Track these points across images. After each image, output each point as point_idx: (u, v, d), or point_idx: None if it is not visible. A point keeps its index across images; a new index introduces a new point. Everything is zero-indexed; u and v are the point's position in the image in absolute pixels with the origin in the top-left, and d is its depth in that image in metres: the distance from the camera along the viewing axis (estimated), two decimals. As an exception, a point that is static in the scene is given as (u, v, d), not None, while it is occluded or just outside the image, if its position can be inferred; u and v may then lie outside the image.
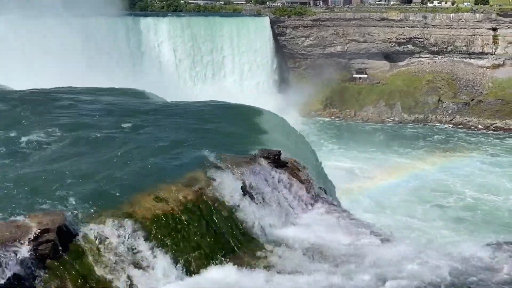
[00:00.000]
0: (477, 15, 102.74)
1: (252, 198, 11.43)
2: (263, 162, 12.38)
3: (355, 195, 66.43)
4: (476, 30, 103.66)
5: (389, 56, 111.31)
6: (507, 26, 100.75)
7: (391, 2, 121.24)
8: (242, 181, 11.62)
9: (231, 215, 10.92)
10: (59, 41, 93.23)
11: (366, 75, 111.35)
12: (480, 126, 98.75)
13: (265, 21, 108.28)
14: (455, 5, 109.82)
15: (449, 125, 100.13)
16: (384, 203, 64.48)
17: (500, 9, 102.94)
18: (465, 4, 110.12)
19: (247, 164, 12.07)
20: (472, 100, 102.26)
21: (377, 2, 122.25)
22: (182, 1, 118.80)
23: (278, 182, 12.12)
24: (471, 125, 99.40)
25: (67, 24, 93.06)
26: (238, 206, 11.05)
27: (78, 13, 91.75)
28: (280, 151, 12.87)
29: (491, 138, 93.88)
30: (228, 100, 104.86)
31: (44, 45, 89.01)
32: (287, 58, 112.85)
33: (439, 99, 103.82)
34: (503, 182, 72.22)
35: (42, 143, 14.05)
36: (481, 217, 61.66)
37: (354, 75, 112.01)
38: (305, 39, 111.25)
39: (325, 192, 12.72)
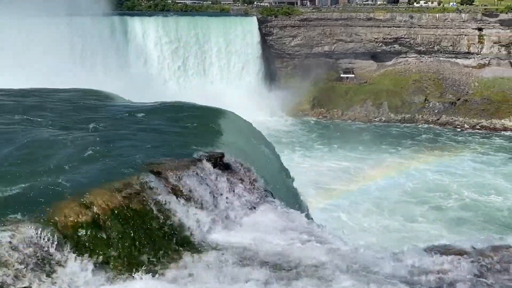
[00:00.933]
0: (463, 15, 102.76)
1: (188, 202, 10.89)
2: (205, 164, 11.85)
3: (353, 195, 66.40)
4: (462, 30, 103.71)
5: (376, 56, 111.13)
6: (492, 26, 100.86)
7: (378, 2, 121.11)
8: (177, 185, 11.08)
9: (162, 221, 10.37)
10: (44, 41, 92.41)
11: (353, 75, 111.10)
12: (466, 126, 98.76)
13: (253, 21, 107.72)
14: (441, 5, 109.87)
15: (435, 125, 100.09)
16: (383, 204, 63.66)
17: (485, 9, 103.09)
18: (451, 4, 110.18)
19: (185, 167, 11.53)
20: (458, 99, 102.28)
21: (364, 2, 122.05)
22: (169, 1, 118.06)
23: (219, 184, 11.60)
24: (457, 125, 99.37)
25: (53, 24, 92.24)
26: (171, 210, 10.50)
27: (64, 12, 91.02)
28: (223, 153, 12.35)
29: (478, 137, 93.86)
30: (214, 100, 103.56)
31: (28, 45, 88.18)
32: (274, 58, 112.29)
33: (425, 98, 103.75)
34: (500, 182, 71.88)
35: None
36: (482, 218, 60.74)
37: (342, 75, 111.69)
38: (293, 39, 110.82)
39: (272, 195, 12.18)
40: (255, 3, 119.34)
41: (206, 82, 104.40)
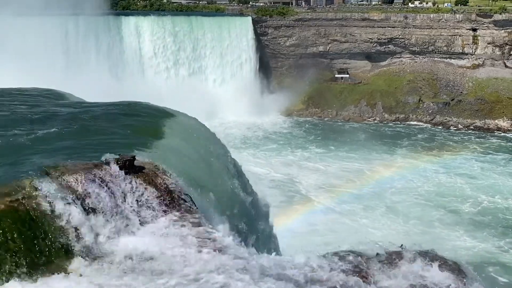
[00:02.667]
0: (457, 15, 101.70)
1: (83, 208, 10.23)
2: (112, 167, 11.17)
3: (365, 197, 65.20)
4: (456, 31, 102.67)
5: (370, 56, 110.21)
6: (486, 26, 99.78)
7: (373, 3, 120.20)
8: (74, 189, 10.41)
9: (51, 226, 9.72)
10: (39, 40, 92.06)
11: (347, 75, 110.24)
12: (459, 126, 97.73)
13: (247, 20, 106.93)
14: (436, 5, 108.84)
15: (429, 125, 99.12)
16: (397, 209, 61.89)
17: (479, 9, 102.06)
18: (446, 4, 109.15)
19: (87, 170, 10.86)
20: (452, 100, 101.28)
21: (359, 2, 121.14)
22: (165, 0, 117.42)
23: (123, 189, 10.91)
24: (451, 125, 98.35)
25: (48, 23, 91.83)
26: (62, 215, 9.84)
27: (59, 12, 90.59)
28: (134, 156, 11.63)
29: (473, 137, 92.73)
30: (207, 100, 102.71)
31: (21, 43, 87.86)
32: (269, 58, 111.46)
33: (419, 99, 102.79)
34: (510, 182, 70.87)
35: None
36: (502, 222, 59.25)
37: (336, 75, 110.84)
38: (287, 39, 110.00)
39: (191, 199, 11.51)
40: (250, 3, 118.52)
41: (199, 82, 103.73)
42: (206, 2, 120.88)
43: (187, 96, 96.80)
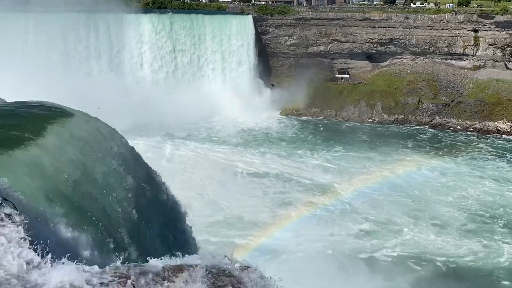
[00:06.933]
0: (459, 16, 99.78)
1: None
2: None
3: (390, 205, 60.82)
4: (458, 32, 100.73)
5: (371, 57, 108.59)
6: (488, 27, 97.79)
7: (375, 2, 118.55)
8: None
9: None
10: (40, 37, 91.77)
11: (348, 75, 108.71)
12: (459, 127, 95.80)
13: (248, 19, 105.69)
14: (438, 6, 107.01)
15: (428, 126, 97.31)
16: (449, 223, 56.29)
17: (481, 10, 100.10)
18: (448, 5, 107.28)
19: None
20: (452, 101, 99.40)
21: (360, 2, 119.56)
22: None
23: None
24: (450, 126, 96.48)
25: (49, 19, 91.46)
26: None
27: (61, 9, 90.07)
28: None
29: (475, 138, 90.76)
30: (206, 99, 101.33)
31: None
32: (270, 57, 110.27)
33: (419, 100, 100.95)
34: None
35: None
36: None
37: (337, 75, 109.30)
38: (288, 38, 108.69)
39: (14, 207, 9.53)
40: (252, 1, 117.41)
41: (198, 80, 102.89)
42: (208, 0, 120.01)
43: (186, 94, 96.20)
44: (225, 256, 7.60)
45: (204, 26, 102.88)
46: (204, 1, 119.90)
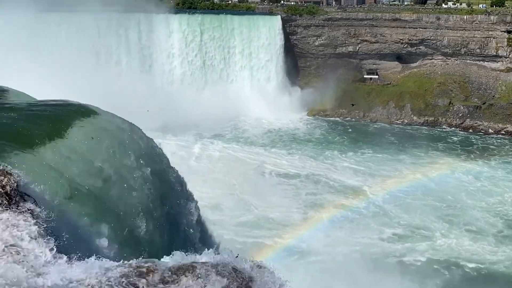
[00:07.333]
0: (492, 17, 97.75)
1: None
2: None
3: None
4: (490, 33, 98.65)
5: (401, 57, 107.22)
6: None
7: (405, 3, 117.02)
8: None
9: None
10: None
11: (377, 76, 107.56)
12: (490, 130, 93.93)
13: (277, 19, 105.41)
14: (470, 6, 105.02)
15: (459, 129, 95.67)
16: (485, 229, 54.44)
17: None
18: (481, 5, 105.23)
19: None
20: (484, 103, 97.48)
21: (390, 2, 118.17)
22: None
23: None
24: (481, 129, 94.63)
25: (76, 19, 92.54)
26: None
27: (89, 9, 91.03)
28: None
29: (507, 141, 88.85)
30: (234, 100, 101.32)
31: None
32: (298, 58, 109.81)
33: (450, 102, 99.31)
34: None
35: None
36: None
37: (365, 76, 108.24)
38: (317, 39, 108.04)
39: (35, 202, 9.55)
40: (281, 1, 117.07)
41: (227, 81, 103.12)
42: (237, 1, 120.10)
43: (212, 96, 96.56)
44: (237, 255, 7.48)
45: (232, 26, 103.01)
46: (233, 2, 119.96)
